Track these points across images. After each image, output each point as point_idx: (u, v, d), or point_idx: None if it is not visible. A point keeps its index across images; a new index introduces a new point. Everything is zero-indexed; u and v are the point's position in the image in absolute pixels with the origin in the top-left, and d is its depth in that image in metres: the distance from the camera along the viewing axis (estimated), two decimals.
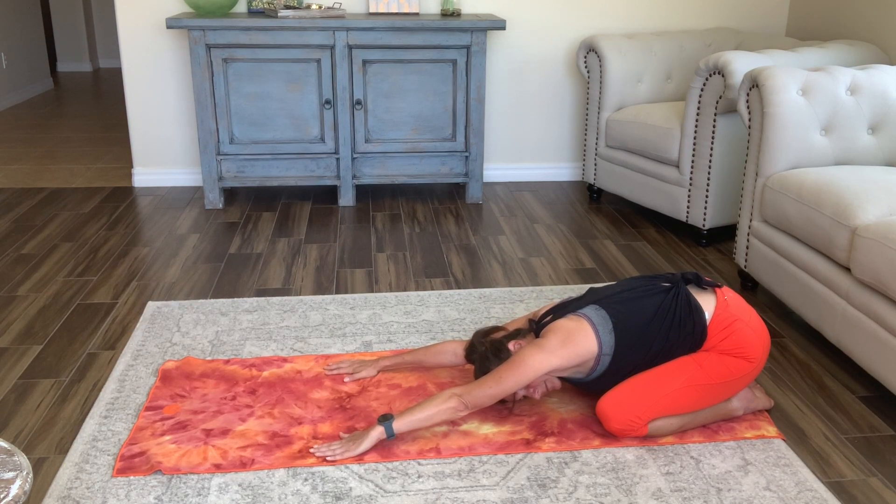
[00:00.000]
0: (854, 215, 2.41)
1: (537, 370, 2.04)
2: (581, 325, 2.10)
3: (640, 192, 3.86)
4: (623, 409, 2.09)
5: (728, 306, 2.16)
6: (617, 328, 2.10)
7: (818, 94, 2.85)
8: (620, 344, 2.10)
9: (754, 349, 2.13)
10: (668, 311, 2.12)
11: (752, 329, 2.15)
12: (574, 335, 2.08)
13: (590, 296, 2.22)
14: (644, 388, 2.10)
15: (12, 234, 3.65)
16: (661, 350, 2.12)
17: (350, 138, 4.04)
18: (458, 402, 2.03)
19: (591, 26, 4.41)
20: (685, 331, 2.12)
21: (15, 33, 6.97)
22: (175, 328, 2.74)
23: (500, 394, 2.04)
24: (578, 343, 2.07)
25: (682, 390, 2.10)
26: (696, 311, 2.12)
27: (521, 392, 2.17)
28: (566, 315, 2.15)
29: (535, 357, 2.04)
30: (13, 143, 5.45)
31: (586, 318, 2.11)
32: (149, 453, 2.05)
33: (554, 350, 2.05)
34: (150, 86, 4.27)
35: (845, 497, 1.95)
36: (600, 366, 2.12)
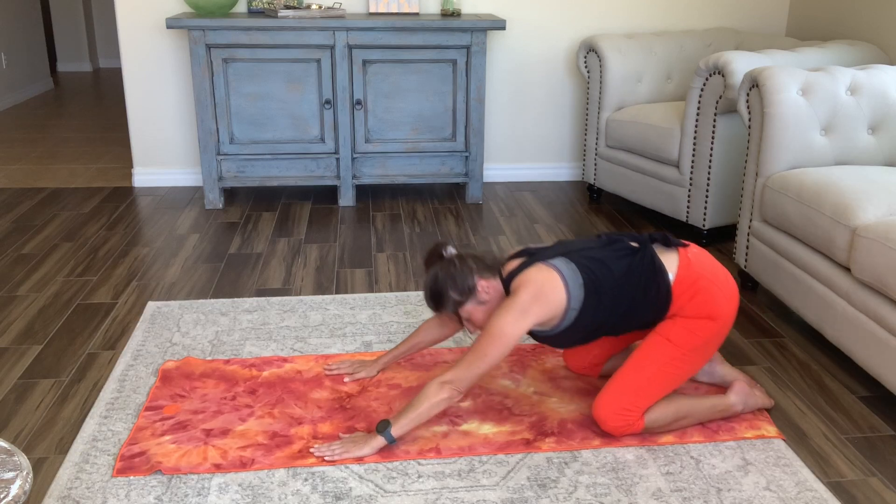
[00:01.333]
0: (854, 215, 2.41)
1: (517, 336, 1.98)
2: (552, 276, 2.03)
3: (640, 192, 3.86)
4: (613, 407, 2.09)
5: (691, 264, 2.10)
6: (587, 284, 2.05)
7: (818, 94, 2.85)
8: (588, 301, 2.05)
9: (719, 306, 2.08)
10: (636, 273, 2.07)
11: (717, 285, 2.09)
12: (545, 288, 2.01)
13: (559, 247, 2.14)
14: (626, 381, 2.10)
15: (12, 234, 3.65)
16: (627, 312, 2.08)
17: (350, 138, 4.04)
18: (450, 391, 2.01)
19: (591, 26, 4.41)
20: (650, 294, 2.07)
21: (15, 33, 6.97)
22: (175, 328, 2.74)
23: (487, 370, 2.00)
24: (549, 296, 2.01)
25: (661, 370, 2.08)
26: (660, 273, 2.08)
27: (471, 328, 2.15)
28: (535, 264, 2.08)
29: (513, 325, 1.97)
30: (13, 143, 5.45)
31: (557, 271, 2.05)
32: (149, 453, 2.05)
33: (527, 309, 1.99)
34: (150, 86, 4.27)
35: (845, 497, 1.95)
36: (565, 321, 2.07)
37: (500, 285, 2.12)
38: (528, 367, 2.50)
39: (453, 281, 2.09)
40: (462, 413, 2.25)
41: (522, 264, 2.10)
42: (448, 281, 2.09)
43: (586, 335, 2.13)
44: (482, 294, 2.10)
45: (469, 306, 2.11)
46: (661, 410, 2.12)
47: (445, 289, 2.09)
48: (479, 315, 2.12)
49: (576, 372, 2.43)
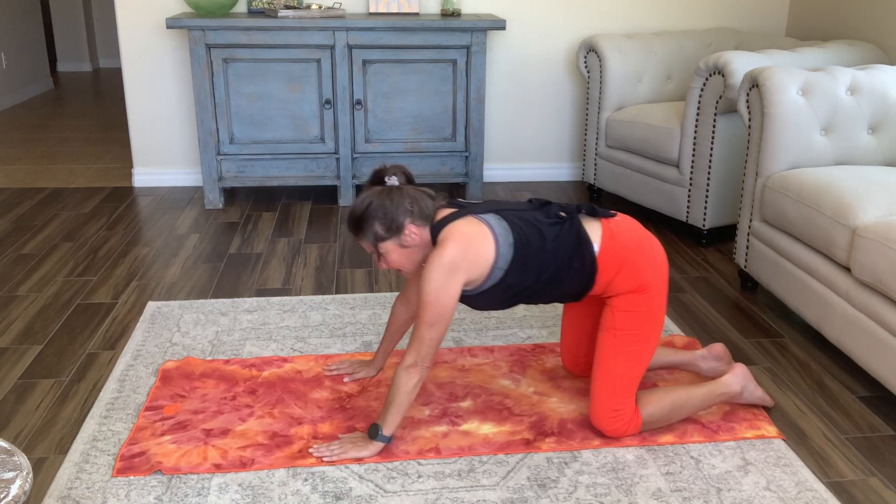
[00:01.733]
0: (854, 215, 2.41)
1: (454, 294, 1.93)
2: (481, 230, 1.98)
3: (640, 192, 3.86)
4: (603, 414, 2.09)
5: (614, 236, 2.07)
6: (516, 244, 1.99)
7: (818, 94, 2.85)
8: (516, 261, 1.99)
9: (645, 276, 2.05)
10: (564, 241, 2.04)
11: (642, 255, 2.06)
12: (474, 242, 1.95)
13: (491, 204, 2.09)
14: (601, 386, 2.09)
15: (12, 234, 3.65)
16: (552, 280, 2.05)
17: (350, 138, 4.04)
18: (418, 372, 1.97)
19: (591, 26, 4.41)
20: (575, 264, 2.04)
21: (15, 33, 6.97)
22: (175, 328, 2.74)
23: (440, 336, 1.95)
24: (478, 250, 1.96)
25: (624, 360, 2.07)
26: (585, 244, 2.04)
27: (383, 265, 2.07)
28: (466, 216, 2.01)
29: (446, 286, 1.91)
30: (13, 143, 5.45)
31: (487, 225, 1.99)
32: (149, 453, 2.05)
33: (457, 264, 1.92)
34: (150, 86, 4.27)
35: (845, 497, 1.95)
36: (490, 280, 2.00)
37: (428, 234, 2.03)
38: (528, 367, 2.50)
39: (384, 213, 1.99)
40: (462, 413, 2.25)
41: (452, 214, 2.03)
42: (379, 211, 1.99)
43: (506, 299, 2.07)
44: (407, 238, 2.00)
45: (389, 244, 2.01)
46: (656, 403, 2.12)
47: (373, 218, 1.99)
48: (396, 257, 2.03)
49: (575, 374, 2.43)
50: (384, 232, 2.00)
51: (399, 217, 1.99)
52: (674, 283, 3.19)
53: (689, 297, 3.06)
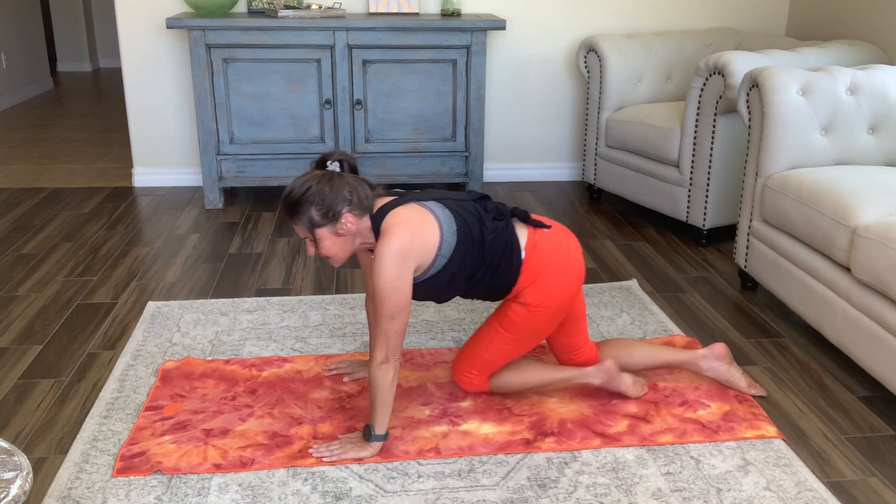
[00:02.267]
0: (854, 215, 2.41)
1: (407, 282, 1.93)
2: (426, 216, 1.98)
3: (640, 192, 3.86)
4: (459, 367, 2.26)
5: (537, 248, 2.09)
6: (459, 232, 2.00)
7: (818, 94, 2.85)
8: (458, 249, 2.00)
9: (552, 297, 2.11)
10: (500, 237, 2.05)
11: (558, 275, 2.10)
12: (419, 226, 1.95)
13: (433, 193, 2.10)
14: (466, 352, 2.24)
15: (12, 234, 3.65)
16: (483, 275, 2.07)
17: (350, 138, 4.04)
18: (392, 366, 1.97)
19: (591, 26, 4.41)
20: (503, 265, 2.07)
21: (15, 33, 6.97)
22: (175, 328, 2.74)
23: (403, 326, 1.95)
24: (425, 236, 1.96)
25: (494, 350, 2.20)
26: (516, 246, 2.07)
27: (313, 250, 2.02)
28: (408, 203, 2.01)
29: (398, 276, 1.91)
30: (13, 143, 5.45)
31: (430, 211, 2.00)
32: (149, 453, 2.05)
33: (406, 252, 1.91)
34: (150, 86, 4.27)
35: (845, 497, 1.95)
36: (433, 267, 2.01)
37: (365, 224, 2.01)
38: None
39: (322, 199, 1.94)
40: (462, 413, 2.25)
41: (393, 202, 2.01)
42: (317, 197, 1.94)
43: (444, 288, 2.08)
44: (342, 226, 1.97)
45: (324, 231, 1.97)
46: (507, 378, 2.26)
47: (310, 203, 1.94)
48: (329, 244, 1.99)
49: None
50: (320, 218, 1.96)
51: (337, 205, 1.95)
52: (674, 283, 3.19)
53: (689, 297, 3.07)
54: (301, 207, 1.96)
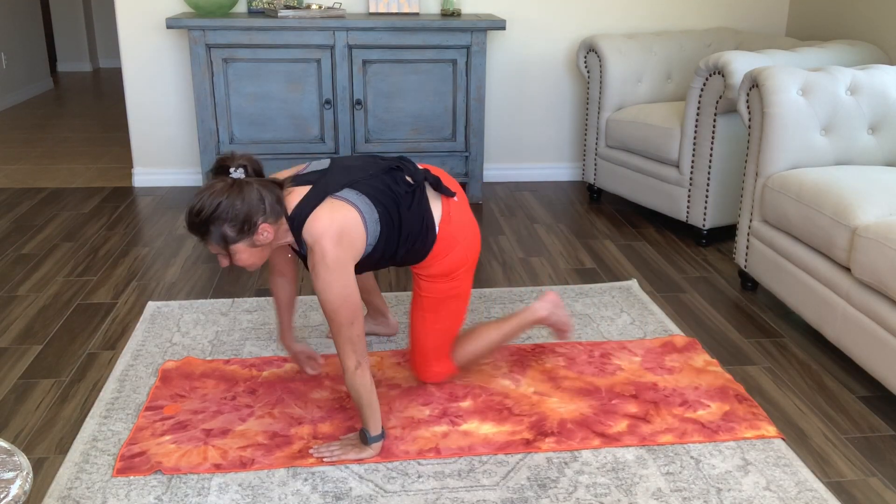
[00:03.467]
0: (854, 215, 2.41)
1: (353, 287, 1.89)
2: (347, 213, 1.91)
3: (640, 192, 3.86)
4: (419, 369, 2.30)
5: (451, 220, 2.10)
6: (382, 219, 1.97)
7: (818, 94, 2.85)
8: (382, 234, 1.98)
9: (459, 262, 2.16)
10: (415, 213, 2.03)
11: (466, 243, 2.16)
12: (346, 228, 1.90)
13: (340, 173, 1.98)
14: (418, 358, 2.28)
15: (12, 234, 3.65)
16: (405, 248, 2.06)
17: (350, 138, 4.04)
18: (363, 370, 1.95)
19: (591, 26, 4.41)
20: (420, 237, 2.06)
21: (15, 33, 6.97)
22: (175, 328, 2.74)
23: (360, 329, 1.91)
24: (353, 238, 1.91)
25: (435, 338, 2.23)
26: (429, 221, 2.07)
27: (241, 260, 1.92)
28: (326, 199, 1.91)
29: (345, 280, 1.86)
30: (13, 143, 5.45)
31: (354, 207, 1.93)
32: (149, 453, 2.05)
33: (341, 257, 1.86)
34: (150, 86, 4.27)
35: (845, 497, 1.95)
36: (362, 255, 2.00)
37: (285, 225, 1.93)
38: (528, 367, 2.50)
39: (234, 215, 1.82)
40: (462, 413, 2.25)
41: (307, 198, 1.91)
42: (229, 213, 1.81)
43: (374, 263, 2.09)
44: (259, 237, 1.87)
45: (240, 245, 1.87)
46: (468, 348, 2.31)
47: (222, 220, 1.82)
48: (246, 256, 1.90)
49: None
50: (235, 234, 1.84)
51: (252, 216, 1.84)
52: (674, 283, 3.19)
53: (689, 297, 3.07)
54: (212, 226, 1.82)
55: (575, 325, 2.75)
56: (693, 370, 2.49)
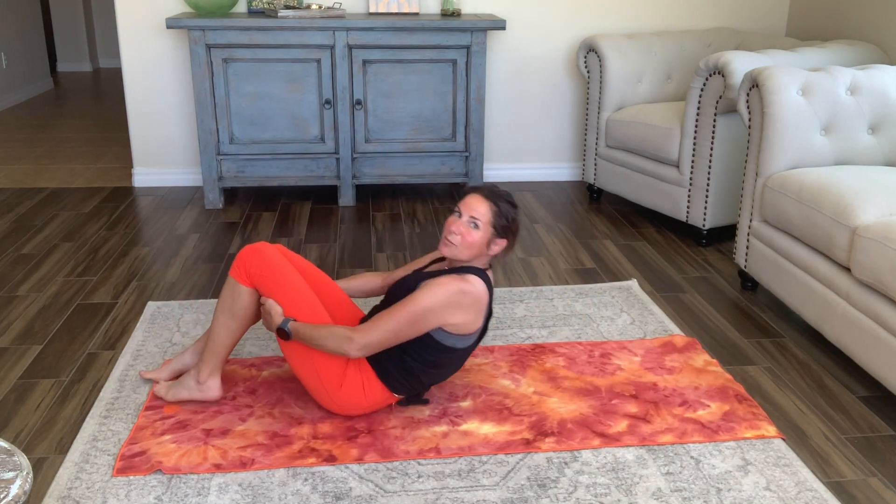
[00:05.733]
0: (854, 215, 2.41)
1: (436, 324, 2.09)
2: (481, 302, 2.14)
3: (640, 192, 3.86)
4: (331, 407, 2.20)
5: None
6: (475, 338, 2.20)
7: (818, 94, 2.85)
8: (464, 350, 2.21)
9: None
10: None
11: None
12: (478, 309, 2.13)
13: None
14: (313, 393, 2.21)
15: (12, 234, 3.65)
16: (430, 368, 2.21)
17: (350, 138, 4.04)
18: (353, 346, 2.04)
19: (591, 26, 4.41)
20: (438, 371, 2.24)
21: (15, 33, 6.97)
22: (175, 328, 2.74)
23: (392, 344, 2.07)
24: (474, 315, 2.12)
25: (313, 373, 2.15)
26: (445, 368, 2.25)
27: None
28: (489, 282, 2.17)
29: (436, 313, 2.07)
30: (13, 143, 5.45)
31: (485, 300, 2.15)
32: (149, 453, 2.05)
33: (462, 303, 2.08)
34: (150, 86, 4.27)
35: (845, 497, 1.95)
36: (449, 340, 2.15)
37: (484, 261, 2.17)
38: (528, 367, 2.50)
39: (514, 226, 2.15)
40: (462, 413, 2.25)
41: (489, 278, 2.17)
42: (516, 223, 2.15)
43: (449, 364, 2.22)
44: (494, 243, 2.13)
45: (489, 235, 2.11)
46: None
47: (514, 221, 2.15)
48: (476, 239, 2.10)
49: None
50: (500, 230, 2.12)
51: (509, 237, 2.15)
52: (674, 283, 3.19)
53: (689, 297, 3.07)
54: (510, 214, 2.13)
55: (576, 325, 2.74)
56: (693, 370, 2.49)
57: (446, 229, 2.12)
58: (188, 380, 2.24)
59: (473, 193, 2.14)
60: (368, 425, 2.18)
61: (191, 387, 2.24)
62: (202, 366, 2.22)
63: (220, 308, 2.21)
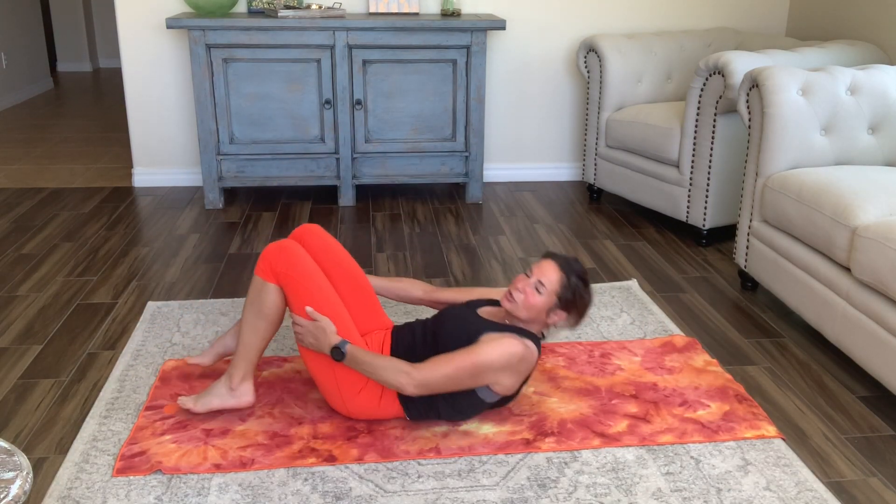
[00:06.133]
0: (854, 215, 2.41)
1: (490, 381, 2.08)
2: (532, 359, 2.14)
3: (640, 192, 3.86)
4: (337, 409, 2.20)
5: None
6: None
7: (818, 94, 2.85)
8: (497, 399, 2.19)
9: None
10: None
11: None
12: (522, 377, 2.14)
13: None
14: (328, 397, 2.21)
15: (12, 234, 3.65)
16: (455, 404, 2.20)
17: (350, 138, 4.04)
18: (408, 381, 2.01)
19: (591, 26, 4.41)
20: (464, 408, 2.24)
21: (15, 33, 6.97)
22: (175, 328, 2.74)
23: (449, 389, 2.06)
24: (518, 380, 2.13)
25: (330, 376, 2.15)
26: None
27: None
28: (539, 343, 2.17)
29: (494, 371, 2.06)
30: (13, 143, 5.45)
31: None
32: (149, 453, 2.05)
33: (517, 367, 2.08)
34: (150, 86, 4.27)
35: (845, 497, 1.95)
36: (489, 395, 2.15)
37: (538, 326, 2.17)
38: None
39: (581, 306, 2.15)
40: None
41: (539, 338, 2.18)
42: (579, 290, 2.13)
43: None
44: (554, 314, 2.13)
45: (552, 302, 2.11)
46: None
47: (584, 300, 2.14)
48: (539, 301, 2.10)
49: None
50: (563, 301, 2.12)
51: (571, 312, 2.14)
52: (674, 283, 3.19)
53: (689, 297, 3.07)
54: (579, 289, 2.12)
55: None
56: (693, 370, 2.49)
57: (513, 284, 2.14)
58: (219, 387, 2.18)
59: (549, 259, 2.15)
60: (368, 425, 2.18)
61: (222, 394, 2.17)
62: (233, 371, 2.17)
63: (248, 310, 2.17)
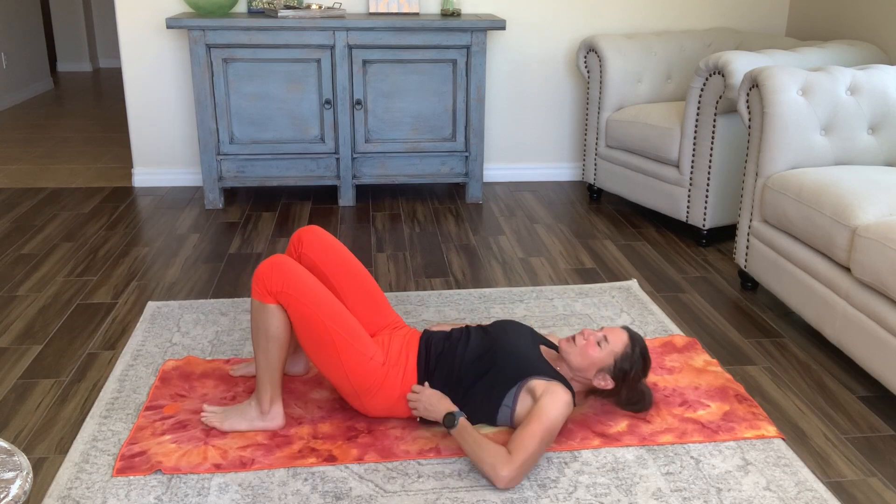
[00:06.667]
0: (854, 215, 2.41)
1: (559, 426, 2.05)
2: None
3: (640, 192, 3.86)
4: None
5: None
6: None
7: (818, 94, 2.85)
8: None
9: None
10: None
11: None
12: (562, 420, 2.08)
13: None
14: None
15: (12, 234, 3.65)
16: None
17: (350, 138, 4.04)
18: (509, 475, 1.93)
19: (591, 26, 4.41)
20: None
21: (15, 33, 6.97)
22: (175, 328, 2.74)
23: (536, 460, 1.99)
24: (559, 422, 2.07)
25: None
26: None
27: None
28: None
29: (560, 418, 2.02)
30: (13, 143, 5.45)
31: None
32: (149, 453, 2.05)
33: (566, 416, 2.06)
34: (150, 86, 4.27)
35: (845, 497, 1.95)
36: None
37: (587, 383, 2.17)
38: None
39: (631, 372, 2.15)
40: None
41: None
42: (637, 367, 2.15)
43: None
44: (601, 377, 2.13)
45: (604, 364, 2.12)
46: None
47: (634, 366, 2.14)
48: (594, 354, 2.12)
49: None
50: (617, 369, 2.13)
51: (618, 384, 2.15)
52: (674, 283, 3.19)
53: (689, 297, 3.07)
54: (637, 366, 2.15)
55: (576, 325, 2.75)
56: (693, 370, 2.49)
57: (581, 331, 2.16)
58: (249, 410, 2.15)
59: (623, 328, 2.18)
60: (368, 425, 2.18)
61: (252, 417, 2.14)
62: (261, 396, 2.13)
63: (256, 336, 2.10)
